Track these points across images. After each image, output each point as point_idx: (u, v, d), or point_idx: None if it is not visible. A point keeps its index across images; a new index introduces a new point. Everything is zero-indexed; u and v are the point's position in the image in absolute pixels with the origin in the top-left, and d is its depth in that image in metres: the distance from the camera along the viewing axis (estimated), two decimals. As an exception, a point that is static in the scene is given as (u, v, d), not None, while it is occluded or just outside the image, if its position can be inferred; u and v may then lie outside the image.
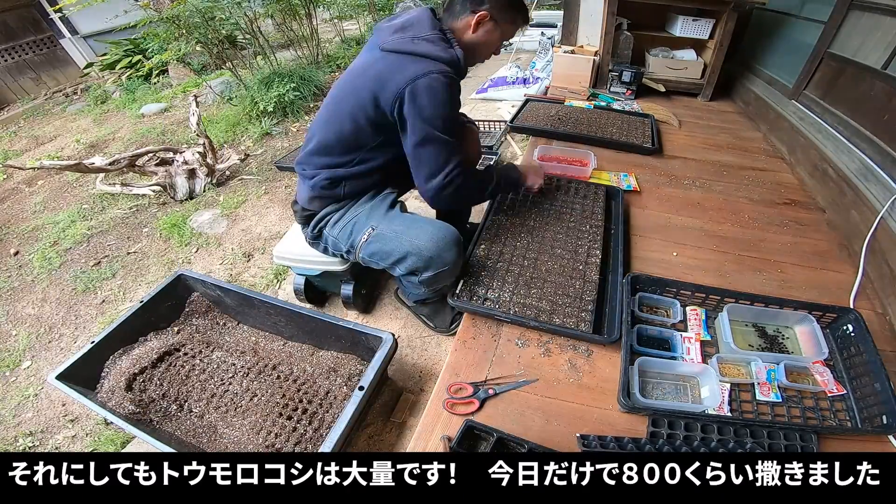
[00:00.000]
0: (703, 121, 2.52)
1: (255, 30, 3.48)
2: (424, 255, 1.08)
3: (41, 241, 2.20)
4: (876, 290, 1.34)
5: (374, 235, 1.13)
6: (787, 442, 0.95)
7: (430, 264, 1.10)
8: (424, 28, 1.04)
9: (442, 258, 1.09)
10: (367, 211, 1.17)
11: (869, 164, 1.60)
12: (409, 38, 1.03)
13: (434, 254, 1.08)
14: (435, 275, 1.12)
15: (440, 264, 1.10)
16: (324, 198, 1.18)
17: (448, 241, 1.10)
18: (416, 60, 1.01)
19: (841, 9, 1.95)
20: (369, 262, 1.18)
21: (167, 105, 3.90)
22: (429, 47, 1.02)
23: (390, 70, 1.01)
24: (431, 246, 1.08)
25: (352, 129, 1.08)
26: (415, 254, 1.08)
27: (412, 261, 1.10)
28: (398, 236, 1.11)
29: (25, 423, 1.37)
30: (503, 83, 3.26)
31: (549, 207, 1.53)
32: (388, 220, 1.15)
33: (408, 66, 1.00)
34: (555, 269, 1.29)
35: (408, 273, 1.14)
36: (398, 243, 1.10)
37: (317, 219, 1.21)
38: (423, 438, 0.96)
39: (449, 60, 1.03)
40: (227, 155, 2.66)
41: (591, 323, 1.14)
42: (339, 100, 1.11)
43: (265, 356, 1.32)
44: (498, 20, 1.09)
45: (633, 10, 2.66)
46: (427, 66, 0.99)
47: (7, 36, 4.55)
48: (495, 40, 1.13)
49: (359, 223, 1.16)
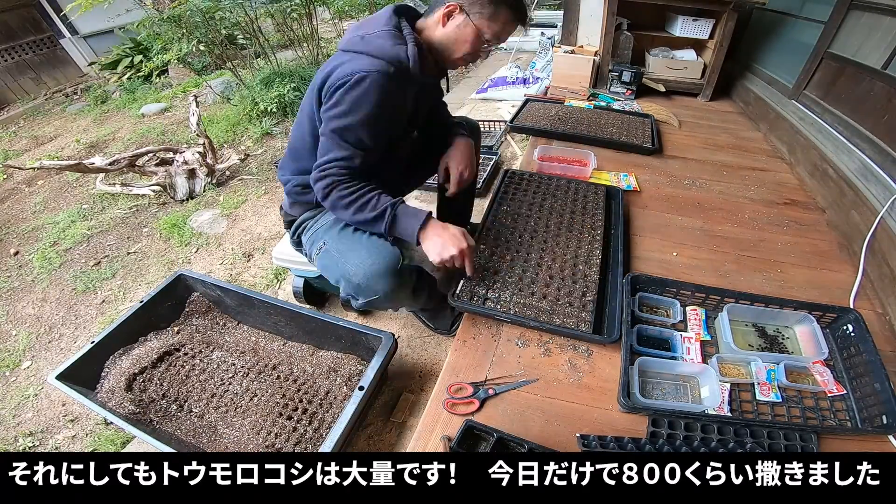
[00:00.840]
0: (703, 121, 2.52)
1: (255, 30, 3.48)
2: (353, 282, 1.01)
3: (41, 241, 2.20)
4: (876, 290, 1.34)
5: (323, 251, 1.09)
6: (787, 442, 0.95)
7: (359, 292, 1.03)
8: (378, 24, 0.98)
9: (371, 287, 1.01)
10: (328, 225, 1.12)
11: (869, 164, 1.60)
12: (359, 36, 0.97)
13: (361, 282, 1.00)
14: (367, 302, 1.06)
15: (370, 293, 1.02)
16: (300, 203, 1.16)
17: (379, 271, 0.99)
18: (356, 57, 0.94)
19: (841, 9, 1.95)
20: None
21: (167, 105, 3.91)
22: (373, 44, 0.95)
23: (332, 68, 0.96)
24: (360, 273, 1.00)
25: (310, 131, 1.05)
26: (345, 279, 1.03)
27: (344, 285, 1.05)
28: (338, 257, 1.05)
29: (25, 423, 1.37)
30: (503, 83, 3.26)
31: (550, 208, 1.53)
32: (338, 237, 1.08)
33: (346, 64, 0.94)
34: (555, 269, 1.29)
35: (347, 298, 1.10)
36: (335, 265, 1.05)
37: (295, 225, 1.19)
38: (423, 438, 0.96)
39: (391, 57, 0.94)
40: (227, 155, 2.66)
41: (592, 323, 1.14)
42: (303, 103, 1.07)
43: (265, 356, 1.32)
44: (470, 13, 0.97)
45: (633, 10, 2.66)
46: (364, 63, 0.92)
47: (7, 36, 4.55)
48: (468, 37, 0.99)
49: (318, 236, 1.12)
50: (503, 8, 0.98)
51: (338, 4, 4.64)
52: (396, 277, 1.02)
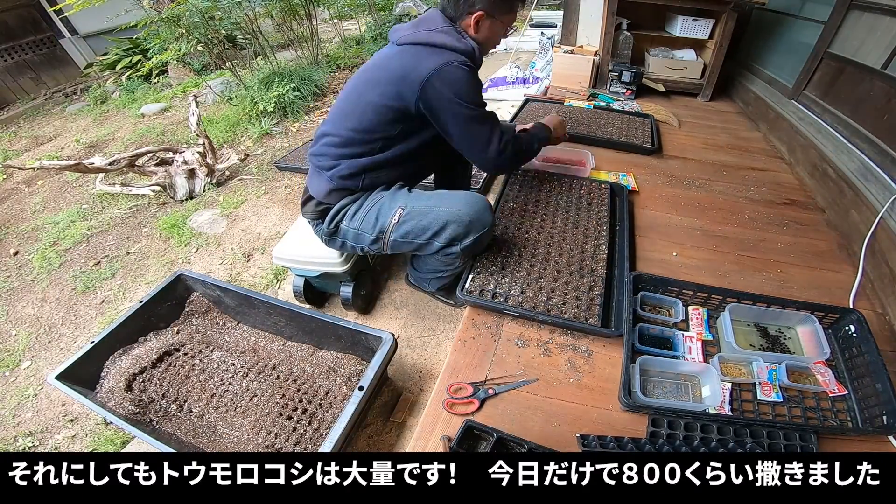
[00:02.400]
0: (703, 121, 2.52)
1: (254, 30, 3.48)
2: (464, 220, 1.11)
3: (41, 241, 2.20)
4: (876, 290, 1.34)
5: (407, 214, 1.15)
6: (787, 442, 0.95)
7: (471, 229, 1.12)
8: (437, 22, 1.10)
9: (481, 220, 1.13)
10: (389, 196, 1.19)
11: (869, 164, 1.60)
12: (424, 30, 1.08)
13: (473, 217, 1.11)
14: (476, 239, 1.14)
15: (480, 227, 1.13)
16: (342, 189, 1.19)
17: (482, 205, 1.14)
18: (435, 52, 1.06)
19: (841, 9, 1.95)
20: (400, 244, 1.19)
21: (167, 105, 3.90)
22: (445, 38, 1.07)
23: (411, 62, 1.05)
24: (469, 210, 1.11)
25: (372, 120, 1.11)
26: (454, 221, 1.11)
27: (452, 229, 1.11)
28: (432, 209, 1.13)
29: (25, 423, 1.37)
30: (503, 83, 3.26)
31: (556, 204, 1.54)
32: (414, 198, 1.17)
33: (428, 58, 1.04)
34: (562, 264, 1.30)
35: (447, 244, 1.15)
36: (435, 216, 1.12)
37: (333, 212, 1.21)
38: (423, 438, 0.96)
39: (465, 51, 1.08)
40: (226, 155, 2.66)
41: (600, 317, 1.15)
42: (358, 92, 1.14)
43: (265, 356, 1.32)
44: (495, 14, 1.13)
45: (633, 10, 2.66)
46: (447, 56, 1.05)
47: (7, 36, 4.55)
48: (498, 31, 1.18)
49: (384, 207, 1.17)
50: (516, 3, 1.18)
51: (338, 5, 4.64)
52: (493, 212, 1.19)
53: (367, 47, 4.61)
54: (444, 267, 1.30)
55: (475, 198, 1.15)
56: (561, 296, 1.21)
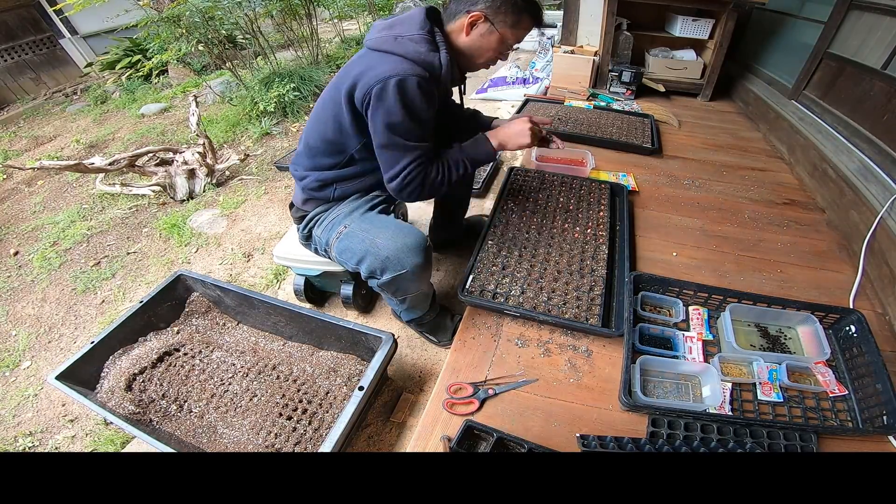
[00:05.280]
0: (703, 121, 2.52)
1: (254, 30, 3.48)
2: (381, 254, 1.03)
3: (41, 241, 2.20)
4: (875, 291, 1.34)
5: (344, 233, 1.10)
6: (787, 442, 0.95)
7: (387, 266, 1.04)
8: (412, 27, 0.99)
9: (399, 260, 1.03)
10: (348, 211, 1.15)
11: (869, 164, 1.60)
12: (392, 35, 0.98)
13: (390, 254, 1.02)
14: (392, 279, 1.05)
15: (398, 267, 1.03)
16: (316, 199, 1.18)
17: (408, 245, 1.03)
18: (391, 59, 0.96)
19: (841, 9, 1.95)
20: (341, 262, 1.15)
21: (167, 105, 3.90)
22: (409, 47, 0.97)
23: (365, 68, 0.96)
24: (390, 245, 1.03)
25: (334, 129, 1.06)
26: (372, 252, 1.04)
27: (369, 261, 1.05)
28: (363, 234, 1.07)
29: (25, 423, 1.37)
30: (503, 83, 3.26)
31: (556, 204, 1.54)
32: (361, 219, 1.11)
33: (381, 65, 0.94)
34: (563, 264, 1.31)
35: (368, 275, 1.10)
36: (361, 241, 1.06)
37: (307, 219, 1.21)
38: (423, 438, 0.96)
39: (426, 63, 0.97)
40: (226, 155, 2.66)
41: (600, 317, 1.15)
42: (324, 101, 1.08)
43: (265, 356, 1.32)
44: (494, 22, 1.00)
45: (633, 10, 2.66)
46: (401, 66, 0.94)
47: (7, 36, 4.55)
48: (493, 44, 1.03)
49: (336, 222, 1.14)
50: (526, 16, 1.02)
51: (338, 5, 4.64)
52: (424, 255, 1.05)
53: (367, 47, 4.60)
54: (389, 299, 1.22)
55: (406, 236, 1.04)
56: (561, 296, 1.21)
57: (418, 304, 1.25)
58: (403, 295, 1.17)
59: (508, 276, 1.26)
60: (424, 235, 1.07)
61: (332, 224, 1.14)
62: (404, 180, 1.03)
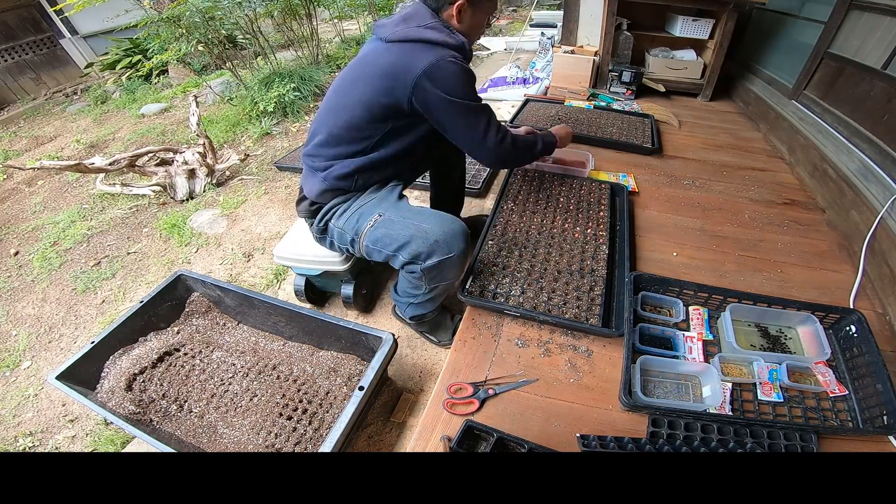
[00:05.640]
0: (703, 121, 2.52)
1: (255, 30, 3.48)
2: (430, 237, 1.05)
3: (41, 241, 2.20)
4: (876, 291, 1.34)
5: (381, 221, 1.12)
6: (788, 442, 0.95)
7: (436, 249, 1.05)
8: (425, 18, 1.08)
9: (448, 244, 1.06)
10: (376, 200, 1.17)
11: (869, 164, 1.60)
12: (413, 27, 1.06)
13: (440, 237, 1.05)
14: (438, 262, 1.06)
15: (445, 250, 1.06)
16: (336, 189, 1.18)
17: (456, 230, 1.08)
18: (427, 48, 1.04)
19: (841, 9, 1.95)
20: (371, 251, 1.15)
21: (167, 105, 3.90)
22: (434, 34, 1.05)
23: (403, 59, 1.03)
24: (439, 230, 1.06)
25: (362, 117, 1.09)
26: (420, 236, 1.06)
27: (416, 245, 1.06)
28: (405, 220, 1.10)
29: (25, 423, 1.37)
30: (503, 83, 3.26)
31: (556, 204, 1.54)
32: (396, 207, 1.15)
33: (420, 54, 1.02)
34: (563, 264, 1.31)
35: (409, 261, 1.09)
36: (404, 227, 1.08)
37: (324, 211, 1.20)
38: (423, 438, 0.96)
39: (456, 46, 1.07)
40: (226, 155, 2.66)
41: (601, 317, 1.15)
42: (346, 91, 1.12)
43: (265, 356, 1.32)
44: (475, 4, 1.11)
45: (633, 10, 2.66)
46: (438, 52, 1.03)
47: (7, 36, 4.55)
48: (480, 20, 1.16)
49: (366, 211, 1.15)
50: None
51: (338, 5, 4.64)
52: (466, 241, 1.11)
53: (367, 47, 4.60)
54: (413, 290, 1.22)
55: (452, 222, 1.10)
56: (561, 296, 1.21)
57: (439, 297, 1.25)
58: (439, 282, 1.17)
59: (509, 276, 1.26)
60: (465, 225, 1.13)
61: (360, 215, 1.15)
62: (499, 135, 1.15)
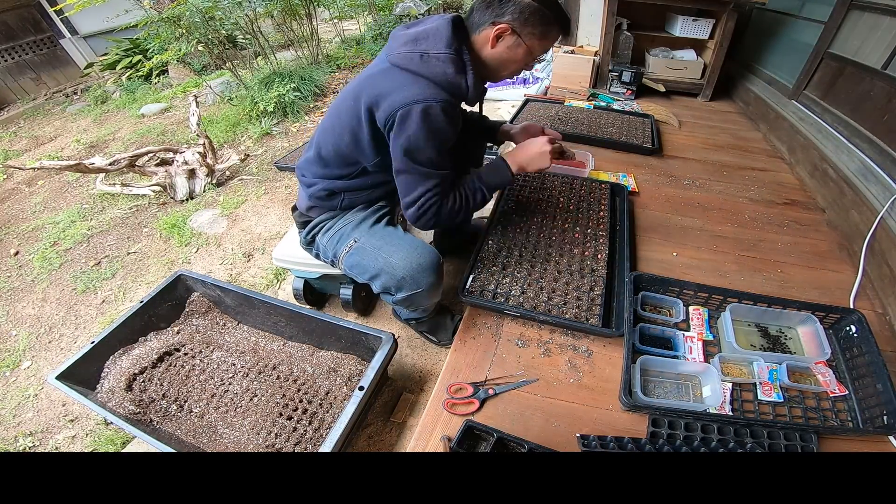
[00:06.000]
0: (703, 121, 2.52)
1: (255, 30, 3.48)
2: (397, 275, 1.04)
3: (41, 241, 2.20)
4: (876, 291, 1.34)
5: (355, 248, 1.10)
6: (787, 442, 0.95)
7: (403, 285, 1.06)
8: (439, 43, 0.94)
9: (415, 280, 1.05)
10: (356, 223, 1.14)
11: (869, 164, 1.60)
12: (419, 53, 0.94)
13: (406, 274, 1.04)
14: (408, 296, 1.08)
15: (413, 286, 1.06)
16: (322, 207, 1.17)
17: (424, 265, 1.04)
18: (418, 82, 0.92)
19: (841, 9, 1.95)
20: (350, 275, 1.16)
21: (167, 105, 3.90)
22: (436, 68, 0.93)
23: (390, 88, 0.92)
24: (405, 265, 1.03)
25: (350, 143, 1.03)
26: (387, 272, 1.05)
27: (384, 279, 1.06)
28: (376, 252, 1.07)
29: (25, 423, 1.37)
30: (503, 83, 3.26)
31: (556, 204, 1.54)
32: (371, 234, 1.11)
33: (407, 88, 0.91)
34: (563, 264, 1.31)
35: (383, 291, 1.11)
36: (374, 258, 1.07)
37: (311, 225, 1.20)
38: (423, 438, 0.96)
39: (453, 86, 0.95)
40: (227, 155, 2.66)
41: (601, 317, 1.15)
42: (340, 110, 1.04)
43: (265, 356, 1.32)
44: (521, 34, 0.95)
45: (633, 10, 2.66)
46: (427, 91, 0.91)
47: (7, 36, 4.55)
48: (519, 56, 0.98)
49: (345, 234, 1.13)
50: (555, 27, 0.97)
51: (338, 5, 4.65)
52: (437, 273, 1.08)
53: (367, 47, 4.61)
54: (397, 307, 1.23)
55: (421, 256, 1.05)
56: (561, 296, 1.21)
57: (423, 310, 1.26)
58: (416, 307, 1.20)
59: (509, 276, 1.26)
60: (437, 254, 1.08)
61: (340, 236, 1.14)
62: (420, 209, 1.02)
